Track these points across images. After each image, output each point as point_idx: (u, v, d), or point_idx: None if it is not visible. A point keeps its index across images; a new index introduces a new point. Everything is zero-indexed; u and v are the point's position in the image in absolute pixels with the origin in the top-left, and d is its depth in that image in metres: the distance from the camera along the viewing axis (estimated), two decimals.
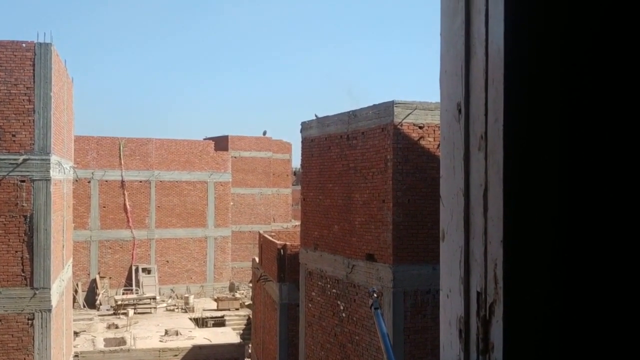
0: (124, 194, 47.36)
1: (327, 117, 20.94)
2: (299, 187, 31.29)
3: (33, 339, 19.28)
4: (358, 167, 18.70)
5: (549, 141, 0.96)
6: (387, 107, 17.36)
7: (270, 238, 28.23)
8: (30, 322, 19.29)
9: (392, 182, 16.95)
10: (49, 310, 19.36)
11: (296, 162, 63.91)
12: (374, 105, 18.12)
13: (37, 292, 19.17)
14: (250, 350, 34.48)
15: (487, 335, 0.99)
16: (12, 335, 19.27)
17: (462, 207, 1.08)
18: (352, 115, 19.15)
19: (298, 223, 32.59)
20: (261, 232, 32.50)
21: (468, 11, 1.04)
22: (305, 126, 22.50)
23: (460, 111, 1.07)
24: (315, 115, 21.73)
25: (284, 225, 55.54)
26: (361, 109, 18.76)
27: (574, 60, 0.96)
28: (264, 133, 60.95)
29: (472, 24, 1.03)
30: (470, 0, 1.03)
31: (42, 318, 19.33)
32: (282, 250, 25.07)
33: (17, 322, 19.28)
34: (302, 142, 22.73)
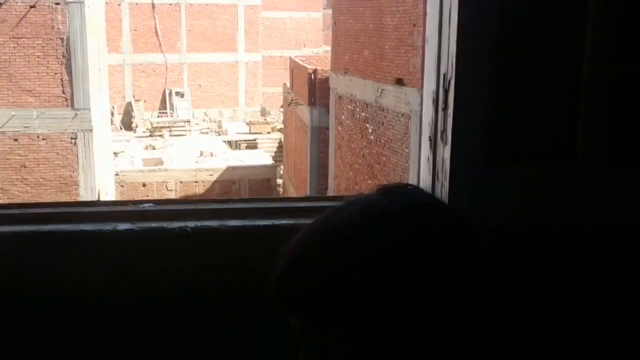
0: (154, 17, 47.15)
1: None
2: (329, 11, 30.92)
3: (77, 157, 20.14)
4: None
5: None
6: None
7: (301, 63, 28.42)
8: (73, 141, 19.99)
9: (424, 5, 16.83)
10: (90, 130, 19.99)
11: None
12: None
13: (78, 112, 19.77)
14: (282, 172, 35.79)
15: (447, 100, 1.45)
16: (57, 153, 20.07)
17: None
18: None
19: (328, 48, 32.52)
20: (292, 57, 32.60)
21: None
22: None
23: None
24: None
25: (315, 51, 55.20)
26: None
27: None
28: None
29: None
30: None
31: (84, 137, 20.01)
32: (312, 75, 25.32)
33: (60, 141, 19.99)
34: None
